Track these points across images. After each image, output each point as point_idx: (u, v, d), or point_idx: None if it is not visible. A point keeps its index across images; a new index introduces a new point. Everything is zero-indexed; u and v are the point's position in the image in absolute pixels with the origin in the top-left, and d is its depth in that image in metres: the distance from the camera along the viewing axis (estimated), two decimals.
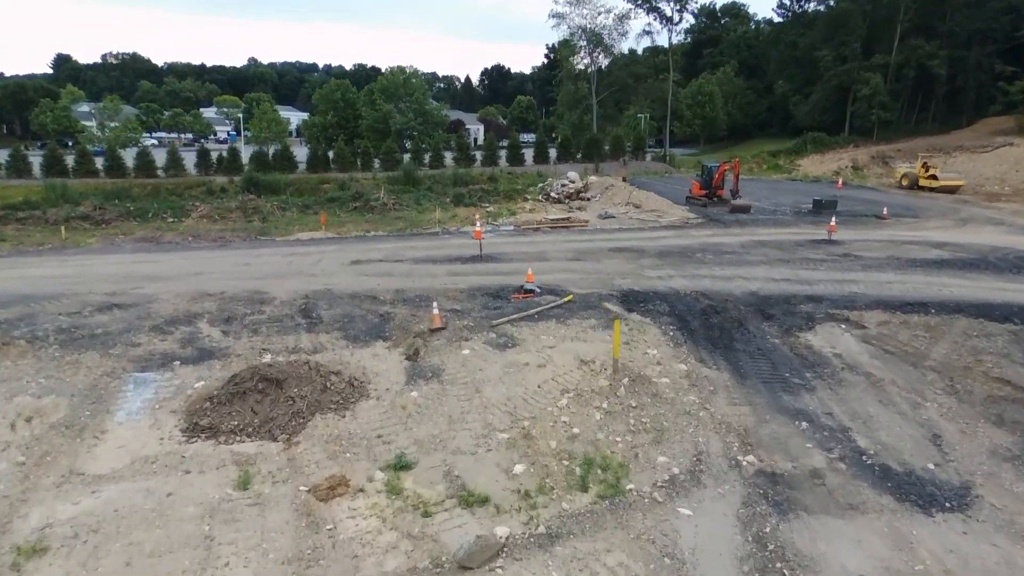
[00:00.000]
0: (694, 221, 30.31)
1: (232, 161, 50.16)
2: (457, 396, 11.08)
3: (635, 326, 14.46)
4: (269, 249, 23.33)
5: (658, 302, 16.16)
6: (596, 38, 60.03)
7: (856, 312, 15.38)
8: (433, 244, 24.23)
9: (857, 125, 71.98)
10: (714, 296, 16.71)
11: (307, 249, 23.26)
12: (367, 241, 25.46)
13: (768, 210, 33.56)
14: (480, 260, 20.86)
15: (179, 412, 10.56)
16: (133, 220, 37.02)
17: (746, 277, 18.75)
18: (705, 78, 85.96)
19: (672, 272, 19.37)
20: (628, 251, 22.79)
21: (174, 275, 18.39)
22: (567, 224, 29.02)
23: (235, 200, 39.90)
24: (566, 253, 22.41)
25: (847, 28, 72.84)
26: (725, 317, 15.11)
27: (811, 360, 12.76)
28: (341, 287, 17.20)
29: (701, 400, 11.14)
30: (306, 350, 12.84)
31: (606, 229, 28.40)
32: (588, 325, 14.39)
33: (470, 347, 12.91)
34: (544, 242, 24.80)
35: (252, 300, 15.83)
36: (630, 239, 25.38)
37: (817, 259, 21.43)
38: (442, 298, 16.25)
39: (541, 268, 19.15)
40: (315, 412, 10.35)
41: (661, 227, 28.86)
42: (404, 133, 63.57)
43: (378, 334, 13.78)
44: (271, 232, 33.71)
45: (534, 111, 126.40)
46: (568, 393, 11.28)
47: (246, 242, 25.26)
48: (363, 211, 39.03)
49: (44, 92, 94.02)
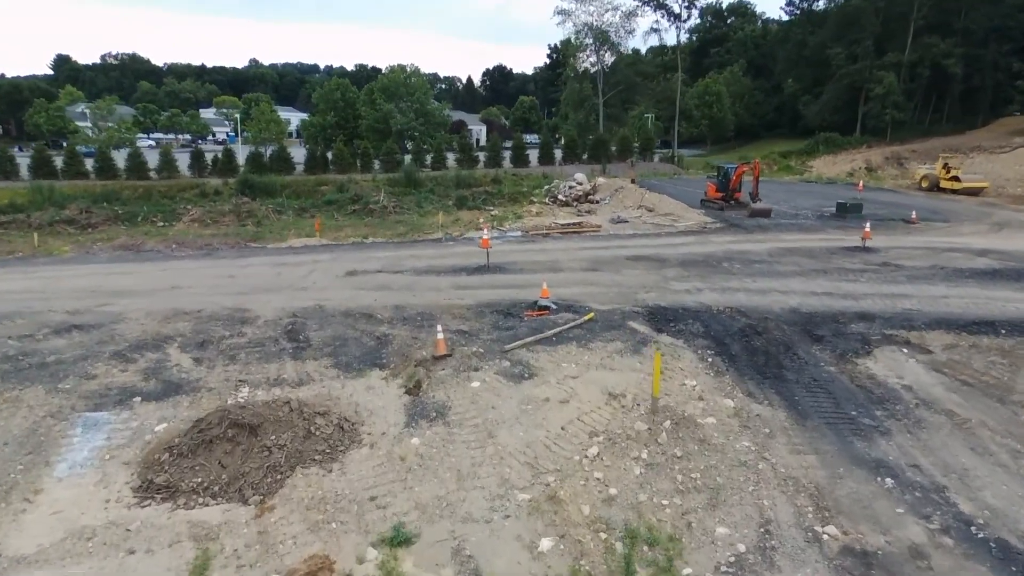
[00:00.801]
0: (713, 226, 28.49)
1: (227, 163, 48.46)
2: (467, 442, 9.28)
3: (667, 350, 12.65)
4: (257, 258, 21.54)
5: (690, 320, 14.35)
6: (602, 36, 58.26)
7: (916, 333, 13.57)
8: (435, 252, 22.43)
9: (870, 125, 70.16)
10: (751, 313, 14.90)
11: (299, 258, 21.47)
12: (364, 249, 23.67)
13: (789, 214, 31.73)
14: (487, 271, 19.07)
15: (133, 464, 8.78)
16: (121, 224, 35.32)
17: (783, 290, 16.94)
18: (712, 78, 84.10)
19: (700, 284, 17.56)
20: (648, 260, 20.98)
21: (148, 290, 16.60)
22: (579, 229, 27.23)
23: (228, 203, 38.26)
24: (581, 262, 20.60)
25: (859, 26, 71.06)
26: (768, 339, 13.30)
27: (878, 394, 10.94)
28: (334, 303, 15.41)
29: (757, 447, 9.33)
30: (290, 382, 11.05)
31: (620, 235, 26.59)
32: (614, 349, 12.59)
33: (480, 378, 11.11)
34: (555, 249, 23.00)
35: (232, 320, 14.03)
36: (648, 246, 23.58)
37: (855, 269, 19.61)
38: (447, 316, 14.47)
39: (555, 280, 17.36)
40: (296, 465, 8.56)
41: (678, 232, 27.06)
42: (405, 133, 61.83)
43: (374, 361, 11.99)
44: (265, 237, 32.04)
45: (537, 111, 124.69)
46: (598, 436, 9.49)
47: (234, 250, 23.47)
48: (362, 214, 37.33)
49: (40, 92, 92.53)
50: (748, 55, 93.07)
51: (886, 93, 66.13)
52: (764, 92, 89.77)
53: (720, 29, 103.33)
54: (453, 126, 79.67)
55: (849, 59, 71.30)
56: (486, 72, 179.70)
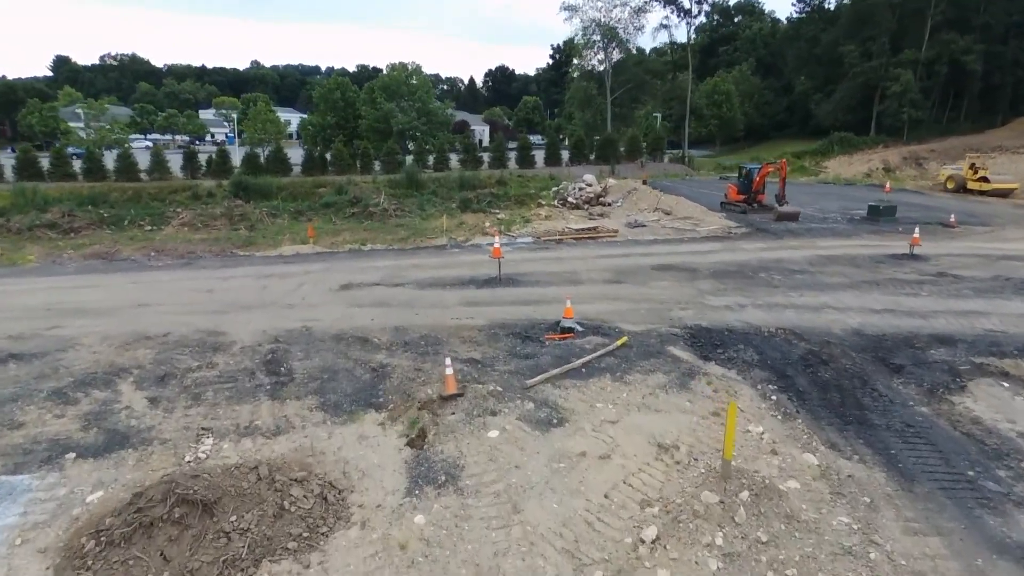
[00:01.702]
0: (738, 231, 26.40)
1: (221, 163, 46.46)
2: (486, 520, 7.19)
3: (718, 383, 10.57)
4: (242, 269, 19.43)
5: (740, 346, 12.25)
6: (611, 32, 56.11)
7: (1011, 361, 11.45)
8: (440, 261, 20.33)
9: (886, 125, 68.05)
10: (808, 336, 12.79)
11: (288, 268, 19.38)
12: (362, 257, 21.57)
13: (816, 217, 29.62)
14: (499, 284, 16.97)
15: (51, 552, 6.70)
16: (106, 228, 33.38)
17: (837, 307, 14.83)
18: (721, 76, 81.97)
19: (741, 300, 15.46)
20: (676, 269, 18.88)
21: (111, 307, 14.50)
22: (594, 235, 25.13)
23: (221, 206, 36.29)
24: (602, 272, 18.51)
25: (873, 22, 68.96)
26: (838, 370, 11.19)
27: (992, 445, 8.83)
28: (324, 324, 13.32)
29: (860, 524, 7.22)
30: (265, 430, 8.97)
31: (640, 240, 24.48)
32: (656, 384, 10.50)
33: (499, 425, 9.02)
34: (572, 258, 20.89)
35: (203, 346, 11.94)
36: (673, 253, 21.49)
37: (910, 280, 17.50)
38: (455, 340, 12.38)
39: (576, 295, 15.27)
40: (262, 558, 6.47)
41: (703, 238, 24.96)
42: (406, 133, 59.78)
43: (368, 400, 9.91)
44: (258, 242, 30.16)
45: (540, 112, 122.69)
46: (652, 507, 7.40)
47: (217, 259, 21.36)
48: (361, 217, 35.33)
49: (35, 93, 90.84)
50: (757, 54, 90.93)
51: (903, 91, 64.06)
52: (774, 91, 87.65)
53: (727, 28, 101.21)
54: (456, 126, 77.66)
55: (863, 56, 69.22)
56: (488, 73, 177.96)
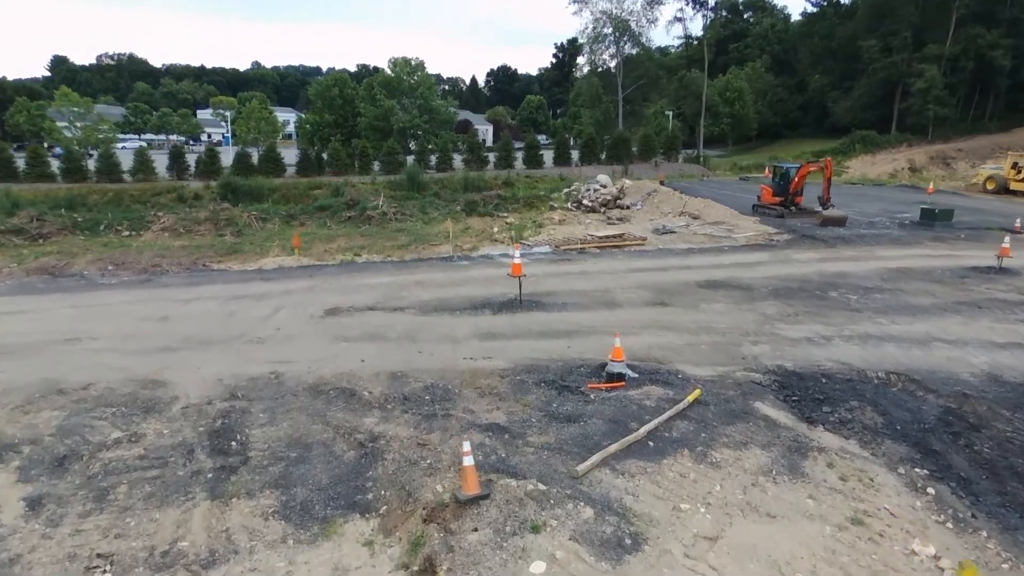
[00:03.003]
0: (780, 237, 23.35)
1: (210, 164, 43.43)
2: None
3: (843, 465, 7.54)
4: (212, 287, 16.24)
5: (851, 402, 9.20)
6: (623, 25, 53.06)
7: None
8: (446, 277, 17.21)
9: (909, 123, 65.03)
10: (933, 384, 9.74)
11: (266, 287, 16.24)
12: (355, 271, 18.42)
13: (861, 222, 26.54)
14: (519, 307, 13.89)
15: None
16: (80, 234, 30.44)
17: (946, 339, 11.77)
18: (733, 73, 78.87)
19: (822, 329, 12.41)
20: (726, 287, 15.83)
21: (31, 344, 11.40)
22: (620, 243, 22.04)
23: (206, 209, 33.35)
24: (639, 291, 15.45)
25: (895, 16, 65.93)
26: (998, 440, 8.15)
27: None
28: (299, 368, 10.27)
29: None
30: (193, 557, 5.94)
31: (673, 249, 21.39)
32: (755, 466, 7.45)
33: (545, 551, 5.97)
34: (600, 272, 17.77)
35: (133, 405, 8.90)
36: (716, 266, 18.43)
37: (1015, 301, 14.46)
38: (470, 392, 9.35)
39: (616, 323, 12.24)
40: None
41: (743, 246, 21.90)
42: (408, 132, 56.73)
43: (351, 497, 6.87)
44: (243, 249, 27.25)
45: (545, 111, 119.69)
46: None
47: (186, 274, 18.18)
48: (358, 222, 32.37)
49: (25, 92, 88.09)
50: (771, 50, 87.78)
51: (928, 88, 61.10)
52: (787, 89, 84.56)
53: (737, 24, 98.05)
54: (459, 126, 74.71)
55: (883, 51, 66.22)
56: (490, 72, 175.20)
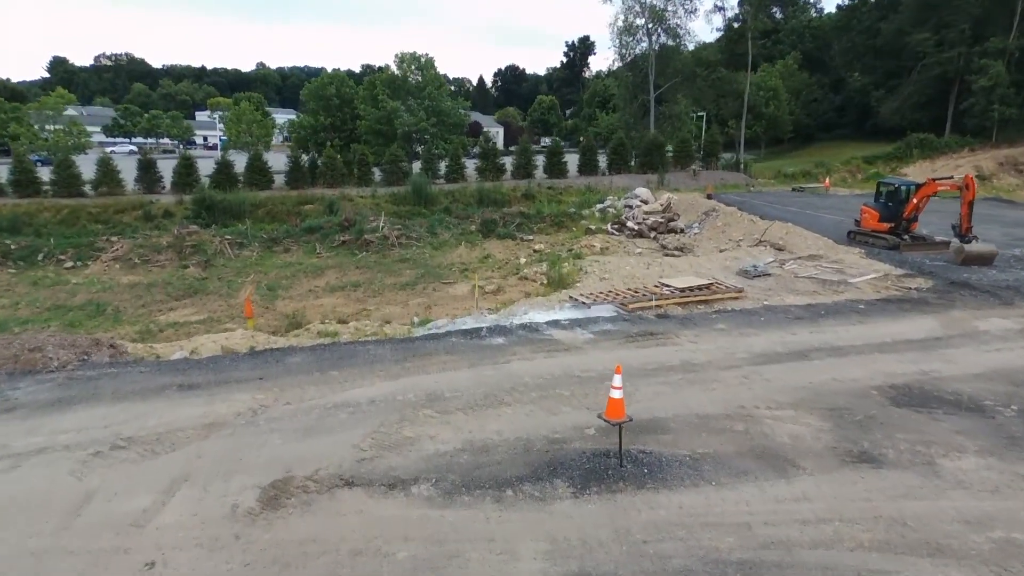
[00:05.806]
0: (916, 284, 17.25)
1: (185, 175, 37.49)
2: None
3: None
4: (80, 415, 8.96)
5: None
6: (658, 15, 47.00)
7: None
8: (475, 382, 10.25)
9: (970, 124, 58.54)
10: None
11: (174, 415, 8.93)
12: (333, 366, 11.01)
13: (1004, 256, 20.34)
14: (620, 474, 7.60)
15: None
16: (11, 266, 24.73)
17: None
18: (766, 71, 72.54)
19: None
20: (936, 401, 9.73)
21: None
22: (709, 296, 15.87)
23: (170, 234, 27.47)
24: (801, 414, 9.31)
25: (950, 6, 59.51)
26: None
27: None
28: None
29: None
30: None
31: (789, 309, 15.03)
32: None
33: None
34: (713, 364, 11.19)
35: None
36: (871, 344, 12.32)
37: None
38: None
39: (809, 517, 6.20)
40: None
41: (876, 300, 15.78)
42: (413, 137, 50.69)
43: None
44: (207, 289, 21.62)
45: (557, 112, 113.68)
46: None
47: (64, 376, 10.46)
48: (353, 248, 26.58)
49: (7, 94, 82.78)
50: (804, 46, 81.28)
51: (992, 86, 54.62)
52: (823, 88, 78.14)
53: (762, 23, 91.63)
54: (470, 128, 68.69)
55: (937, 46, 59.87)
56: (498, 72, 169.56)
